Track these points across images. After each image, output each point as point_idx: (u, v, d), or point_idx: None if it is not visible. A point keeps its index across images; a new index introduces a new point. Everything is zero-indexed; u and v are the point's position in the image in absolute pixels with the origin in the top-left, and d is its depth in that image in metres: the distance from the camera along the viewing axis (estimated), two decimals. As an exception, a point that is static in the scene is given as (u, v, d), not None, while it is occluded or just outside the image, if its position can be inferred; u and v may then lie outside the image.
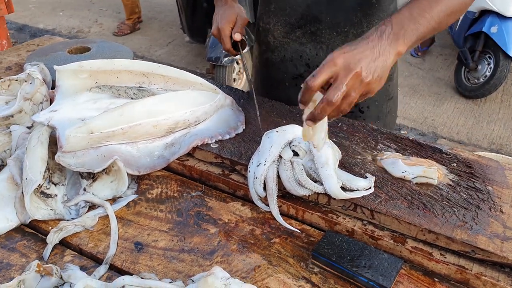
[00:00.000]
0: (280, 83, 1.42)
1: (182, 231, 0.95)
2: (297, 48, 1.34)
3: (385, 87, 1.38)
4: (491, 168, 1.07)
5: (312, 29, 1.30)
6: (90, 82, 1.23)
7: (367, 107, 1.39)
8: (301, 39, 1.33)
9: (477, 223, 0.91)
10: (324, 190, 0.95)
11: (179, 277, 0.85)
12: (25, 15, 5.87)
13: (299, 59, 1.36)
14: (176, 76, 1.26)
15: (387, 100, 1.42)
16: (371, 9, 1.25)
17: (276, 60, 1.40)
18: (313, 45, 1.32)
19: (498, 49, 3.72)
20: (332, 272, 0.86)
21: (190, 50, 4.99)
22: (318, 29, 1.29)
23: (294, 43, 1.34)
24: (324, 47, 1.31)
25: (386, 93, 1.40)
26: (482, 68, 3.94)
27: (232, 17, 1.26)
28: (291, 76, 1.40)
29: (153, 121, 1.10)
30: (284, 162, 0.98)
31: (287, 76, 1.40)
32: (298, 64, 1.36)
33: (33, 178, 0.96)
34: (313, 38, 1.31)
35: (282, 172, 0.98)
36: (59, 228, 0.92)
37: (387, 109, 1.43)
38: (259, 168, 0.98)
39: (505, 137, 3.57)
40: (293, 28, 1.32)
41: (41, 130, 1.06)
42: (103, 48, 1.51)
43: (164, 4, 6.21)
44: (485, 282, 0.83)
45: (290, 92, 1.38)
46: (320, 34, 1.30)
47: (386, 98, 1.41)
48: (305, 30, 1.31)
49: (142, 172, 1.08)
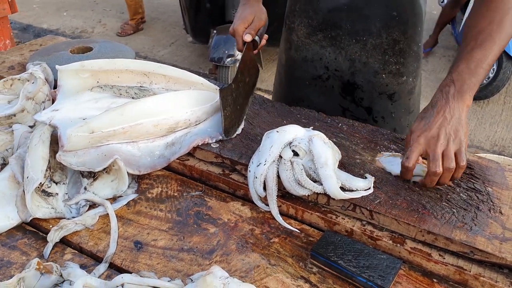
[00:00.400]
0: (300, 81, 1.44)
1: (181, 231, 0.96)
2: (317, 50, 1.37)
3: (405, 101, 1.38)
4: (491, 169, 1.07)
5: (332, 34, 1.32)
6: (91, 82, 1.23)
7: (381, 117, 1.39)
8: (321, 42, 1.35)
9: (476, 224, 0.91)
10: (323, 190, 0.95)
11: (178, 276, 0.85)
12: (29, 15, 5.90)
13: (319, 61, 1.38)
14: (177, 76, 1.26)
15: (407, 114, 1.42)
16: (391, 21, 1.26)
17: (298, 59, 1.43)
18: (332, 49, 1.34)
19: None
20: (330, 272, 0.86)
21: (193, 50, 5.00)
22: (338, 34, 1.31)
23: (315, 45, 1.36)
24: (343, 53, 1.33)
25: (406, 107, 1.40)
26: None
27: (249, 18, 1.26)
28: (311, 77, 1.42)
29: (153, 120, 1.10)
30: (284, 162, 0.98)
31: (307, 76, 1.42)
32: (317, 66, 1.38)
33: (34, 177, 0.97)
34: (333, 43, 1.33)
35: (282, 172, 0.98)
36: (60, 226, 0.93)
37: (405, 122, 1.43)
38: (259, 168, 0.98)
39: (508, 139, 3.56)
40: (315, 31, 1.35)
41: (43, 129, 1.07)
42: (105, 48, 1.51)
43: (167, 5, 6.22)
44: (483, 283, 0.83)
45: (309, 91, 1.43)
46: (340, 40, 1.32)
47: (406, 112, 1.41)
48: (325, 34, 1.33)
49: (142, 171, 1.08)
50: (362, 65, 1.33)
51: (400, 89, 1.36)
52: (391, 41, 1.29)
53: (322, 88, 1.40)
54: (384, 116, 1.38)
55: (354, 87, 1.36)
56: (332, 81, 1.38)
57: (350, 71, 1.34)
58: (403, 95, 1.37)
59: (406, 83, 1.36)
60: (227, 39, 3.74)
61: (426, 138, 0.95)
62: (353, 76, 1.35)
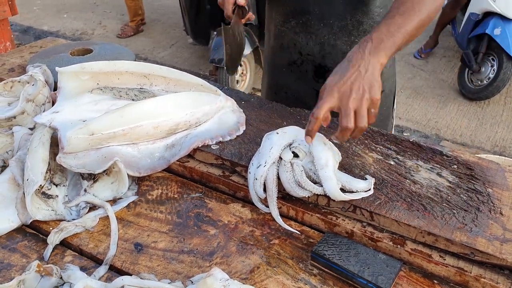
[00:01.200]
0: (279, 68, 1.50)
1: (182, 232, 0.96)
2: (292, 37, 1.41)
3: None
4: (491, 170, 1.07)
5: (303, 19, 1.36)
6: (91, 84, 1.23)
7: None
8: (295, 29, 1.39)
9: (477, 225, 0.91)
10: (323, 192, 0.95)
11: (179, 278, 0.85)
12: (29, 17, 5.90)
13: (293, 47, 1.42)
14: (177, 77, 1.26)
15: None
16: (353, 3, 1.30)
17: (276, 47, 1.48)
18: (304, 35, 1.38)
19: (502, 51, 3.71)
20: (331, 274, 0.86)
21: (193, 52, 5.00)
22: (308, 20, 1.35)
23: (289, 32, 1.41)
24: (313, 37, 1.37)
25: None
26: (486, 70, 3.93)
27: None
28: (287, 63, 1.47)
29: (153, 122, 1.10)
30: (284, 164, 0.98)
31: (284, 63, 1.47)
32: (292, 52, 1.43)
33: (34, 179, 0.97)
34: (304, 28, 1.38)
35: (282, 173, 0.98)
36: (60, 228, 0.93)
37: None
38: (259, 169, 0.98)
39: (509, 139, 3.56)
40: (288, 18, 1.39)
41: (43, 131, 1.07)
42: (105, 50, 1.52)
43: (167, 6, 6.23)
44: (484, 284, 0.83)
45: (287, 78, 1.49)
46: (310, 25, 1.36)
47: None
48: (297, 20, 1.38)
49: (142, 173, 1.08)
50: (331, 48, 1.37)
51: None
52: (355, 22, 1.33)
53: (297, 73, 1.46)
54: None
55: (325, 70, 1.41)
56: (306, 66, 1.43)
57: (320, 54, 1.39)
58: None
59: None
60: (227, 40, 3.74)
61: (339, 91, 0.94)
62: (324, 59, 1.39)
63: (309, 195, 0.97)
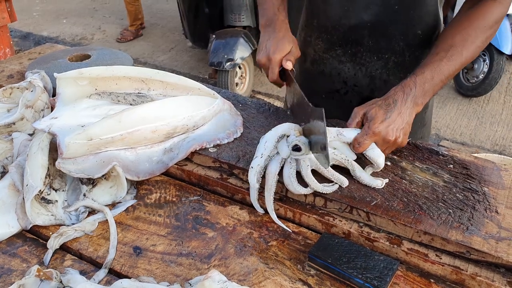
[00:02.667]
0: (316, 94, 1.41)
1: (180, 235, 0.97)
2: (336, 66, 1.34)
3: (421, 115, 1.37)
4: (487, 169, 1.08)
5: (352, 50, 1.29)
6: (90, 89, 1.24)
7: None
8: (340, 58, 1.32)
9: (473, 224, 0.91)
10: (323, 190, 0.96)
11: (177, 281, 0.86)
12: (29, 23, 5.93)
13: (337, 76, 1.35)
14: (174, 81, 1.27)
15: (422, 127, 1.43)
16: (414, 40, 1.25)
17: (314, 73, 1.40)
18: (352, 65, 1.32)
19: (491, 46, 3.81)
20: (328, 274, 0.87)
21: (192, 55, 5.02)
22: (359, 51, 1.29)
23: (333, 60, 1.34)
24: (363, 69, 1.31)
25: (421, 120, 1.41)
26: (479, 66, 4.01)
27: (287, 48, 1.20)
28: (328, 90, 1.40)
29: (151, 127, 1.11)
30: (290, 161, 0.99)
31: (324, 89, 1.40)
32: (335, 81, 1.36)
33: (33, 184, 0.98)
34: (352, 59, 1.31)
35: (286, 167, 0.99)
36: (60, 233, 0.94)
37: (420, 134, 1.44)
38: (255, 160, 0.99)
39: (509, 138, 3.56)
40: (334, 46, 1.32)
41: (42, 137, 1.08)
42: (103, 55, 1.53)
43: (167, 10, 6.25)
44: (480, 282, 0.84)
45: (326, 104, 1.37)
46: (361, 56, 1.29)
47: (420, 125, 1.42)
48: (345, 49, 1.30)
49: (141, 177, 1.09)
50: (383, 83, 1.31)
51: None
52: (413, 59, 1.27)
53: (340, 102, 1.39)
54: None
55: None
56: (351, 96, 1.37)
57: (369, 87, 1.33)
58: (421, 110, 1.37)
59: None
60: (226, 43, 3.76)
61: (383, 133, 1.02)
62: (373, 92, 1.33)
63: (307, 193, 0.98)
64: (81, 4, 6.63)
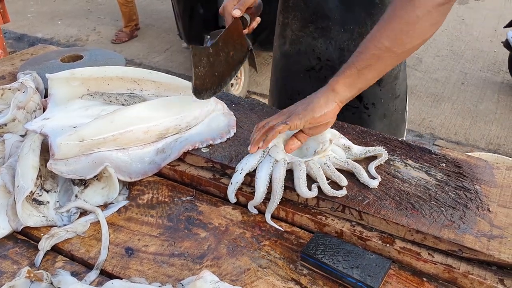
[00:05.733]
0: (296, 74, 1.47)
1: (172, 236, 0.96)
2: (310, 42, 1.40)
3: (391, 86, 1.41)
4: (479, 167, 1.08)
5: (322, 24, 1.35)
6: (82, 90, 1.24)
7: (372, 104, 1.42)
8: (313, 34, 1.38)
9: (465, 222, 0.91)
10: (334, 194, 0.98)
11: (169, 281, 0.86)
12: (23, 24, 5.91)
13: (312, 52, 1.41)
14: (167, 81, 1.27)
15: (394, 99, 1.45)
16: (374, 9, 1.29)
17: (293, 53, 1.45)
18: (323, 40, 1.37)
19: None
20: (321, 274, 0.87)
21: (187, 56, 5.01)
22: (328, 25, 1.34)
23: (308, 37, 1.39)
24: (333, 42, 1.36)
25: (393, 91, 1.43)
26: None
27: None
28: (305, 68, 1.45)
29: (143, 127, 1.11)
30: (299, 164, 1.00)
31: (301, 68, 1.45)
32: (311, 57, 1.41)
33: (24, 186, 0.97)
34: (323, 33, 1.36)
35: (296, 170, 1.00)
36: (51, 234, 0.93)
37: (393, 107, 1.46)
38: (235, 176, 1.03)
39: (503, 137, 3.57)
40: (307, 23, 1.37)
41: (33, 138, 1.07)
42: (95, 56, 1.52)
43: (161, 11, 6.24)
44: (472, 280, 0.84)
45: (304, 83, 1.46)
46: (329, 30, 1.34)
47: (392, 96, 1.44)
48: (317, 25, 1.36)
49: (133, 178, 1.08)
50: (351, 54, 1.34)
51: (386, 74, 1.38)
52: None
53: (316, 79, 1.44)
54: (374, 102, 1.41)
55: None
56: (325, 72, 1.41)
57: (340, 60, 1.37)
58: (389, 80, 1.41)
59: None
60: (220, 44, 3.75)
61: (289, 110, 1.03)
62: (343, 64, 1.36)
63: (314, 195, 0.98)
64: (76, 6, 6.61)
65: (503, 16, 5.85)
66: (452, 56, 4.90)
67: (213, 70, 1.14)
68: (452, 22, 5.67)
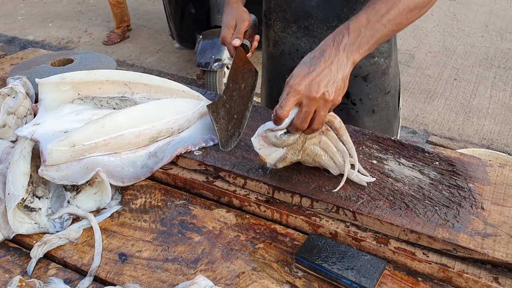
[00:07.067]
0: (280, 75, 1.46)
1: (166, 241, 0.95)
2: (293, 42, 1.39)
3: (380, 81, 1.40)
4: (472, 165, 1.08)
5: (305, 23, 1.34)
6: (72, 94, 1.23)
7: (359, 99, 1.41)
8: (296, 34, 1.37)
9: (459, 221, 0.91)
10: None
11: (163, 287, 0.85)
12: (14, 27, 5.86)
13: (295, 52, 1.40)
14: (158, 84, 1.26)
15: (383, 95, 1.44)
16: (356, 4, 1.29)
17: (277, 54, 1.45)
18: (307, 39, 1.36)
19: None
20: (316, 276, 0.87)
21: (180, 56, 4.99)
22: (310, 24, 1.33)
23: (291, 38, 1.39)
24: (316, 41, 1.35)
25: (381, 87, 1.42)
26: None
27: (232, 23, 1.22)
28: (289, 69, 1.41)
29: (135, 131, 1.10)
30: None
31: (286, 69, 1.44)
32: (295, 57, 1.40)
33: (15, 193, 0.96)
34: (306, 32, 1.35)
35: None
36: (43, 241, 0.92)
37: (383, 103, 1.45)
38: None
39: (496, 132, 3.59)
40: (289, 23, 1.37)
41: (24, 144, 1.06)
42: (86, 59, 1.51)
43: (153, 12, 6.21)
44: (467, 279, 0.84)
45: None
46: (312, 29, 1.34)
47: (381, 92, 1.43)
48: (299, 25, 1.35)
49: (126, 182, 1.08)
50: None
51: (373, 69, 1.38)
52: None
53: None
54: (362, 98, 1.41)
55: None
56: None
57: None
58: (377, 75, 1.40)
59: (378, 63, 1.38)
60: (213, 44, 3.74)
61: (306, 89, 0.90)
62: None
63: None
64: (67, 7, 6.56)
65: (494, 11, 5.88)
66: (444, 52, 4.91)
67: (232, 114, 1.17)
68: (443, 18, 5.69)
